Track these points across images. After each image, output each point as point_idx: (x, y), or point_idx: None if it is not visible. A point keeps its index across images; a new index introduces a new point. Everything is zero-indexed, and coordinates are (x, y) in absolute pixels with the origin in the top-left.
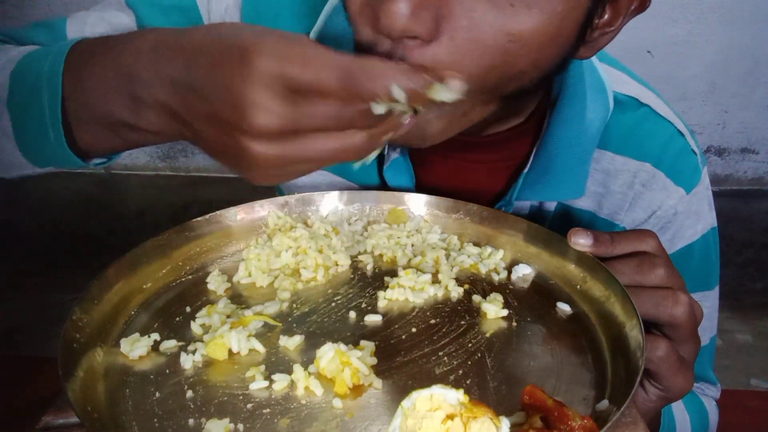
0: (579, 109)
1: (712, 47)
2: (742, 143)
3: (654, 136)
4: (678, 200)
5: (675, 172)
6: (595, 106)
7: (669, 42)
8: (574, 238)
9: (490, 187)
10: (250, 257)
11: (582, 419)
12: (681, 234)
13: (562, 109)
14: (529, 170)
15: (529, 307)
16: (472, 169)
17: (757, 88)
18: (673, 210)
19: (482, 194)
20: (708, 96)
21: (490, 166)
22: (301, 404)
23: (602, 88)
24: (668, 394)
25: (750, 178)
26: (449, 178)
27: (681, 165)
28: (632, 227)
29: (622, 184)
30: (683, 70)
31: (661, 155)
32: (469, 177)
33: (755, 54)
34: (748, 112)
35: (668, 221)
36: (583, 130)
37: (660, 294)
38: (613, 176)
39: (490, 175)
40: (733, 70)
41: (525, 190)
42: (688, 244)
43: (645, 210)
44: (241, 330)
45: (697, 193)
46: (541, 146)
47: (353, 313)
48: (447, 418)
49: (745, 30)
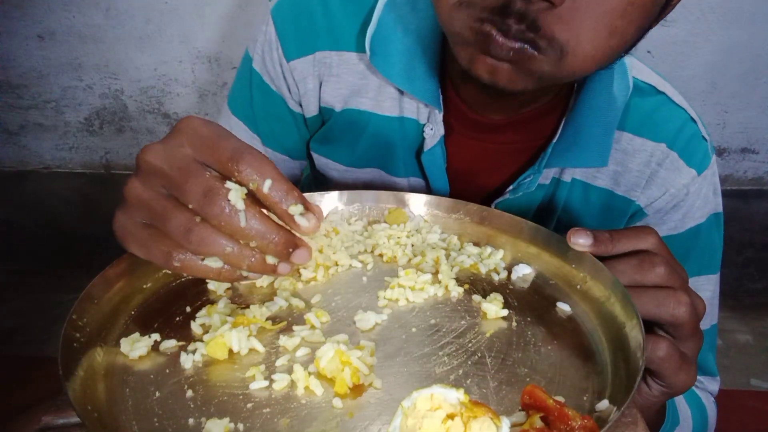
0: (607, 82)
1: (712, 47)
2: (742, 143)
3: (669, 120)
4: (690, 180)
5: (687, 154)
6: (619, 84)
7: (669, 42)
8: (573, 238)
9: (513, 167)
10: None
11: (582, 419)
12: (691, 214)
13: (592, 82)
14: (558, 140)
15: (529, 307)
16: (498, 151)
17: (757, 88)
18: (686, 190)
19: (505, 173)
20: (708, 96)
21: (516, 147)
22: (301, 404)
23: (624, 69)
24: (671, 390)
25: (750, 178)
26: (476, 161)
27: (693, 148)
28: (647, 204)
29: (639, 163)
30: (683, 70)
31: (675, 138)
32: (495, 158)
33: (755, 54)
34: (748, 112)
35: (680, 200)
36: (610, 102)
37: (661, 294)
38: (630, 155)
39: (514, 156)
40: (733, 70)
41: (553, 158)
42: (697, 224)
43: (659, 188)
44: (241, 329)
45: (706, 176)
46: (570, 117)
47: (353, 313)
48: (447, 417)
49: (745, 30)
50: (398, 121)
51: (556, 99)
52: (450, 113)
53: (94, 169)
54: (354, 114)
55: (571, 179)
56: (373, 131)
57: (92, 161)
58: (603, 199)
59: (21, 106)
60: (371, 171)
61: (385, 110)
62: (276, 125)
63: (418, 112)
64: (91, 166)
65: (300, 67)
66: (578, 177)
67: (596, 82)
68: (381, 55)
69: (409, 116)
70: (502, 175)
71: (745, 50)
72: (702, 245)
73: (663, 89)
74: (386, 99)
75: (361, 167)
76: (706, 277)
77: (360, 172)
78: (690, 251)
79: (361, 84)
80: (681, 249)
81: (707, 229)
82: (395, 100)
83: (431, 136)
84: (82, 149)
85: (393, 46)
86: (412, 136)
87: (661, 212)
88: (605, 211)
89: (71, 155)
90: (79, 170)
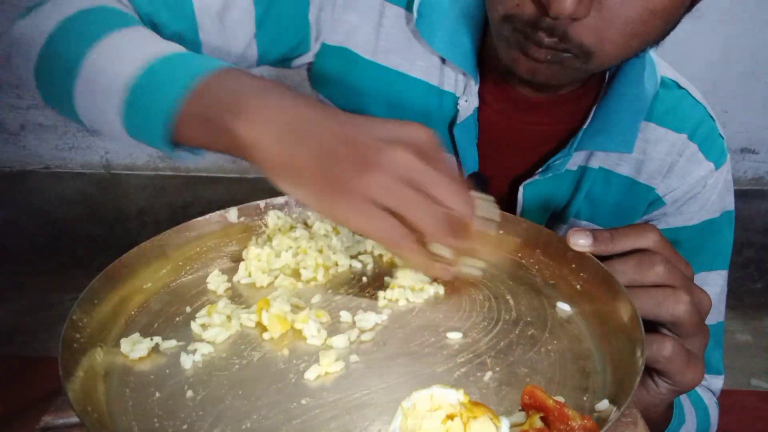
0: (638, 73)
1: (712, 47)
2: (742, 143)
3: (691, 114)
4: (708, 173)
5: (707, 147)
6: (649, 77)
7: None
8: (573, 238)
9: (542, 150)
10: (250, 257)
11: (582, 419)
12: (707, 207)
13: (626, 71)
14: (589, 124)
15: (529, 307)
16: (530, 132)
17: (757, 88)
18: (703, 182)
19: (534, 156)
20: (708, 96)
21: (547, 129)
22: (301, 405)
23: (652, 62)
24: (679, 387)
25: (750, 178)
26: (507, 139)
27: (711, 143)
28: (666, 194)
29: (660, 152)
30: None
31: (695, 131)
32: (526, 138)
33: (755, 54)
34: (748, 112)
35: (698, 192)
36: (640, 91)
37: (660, 293)
38: (653, 144)
39: (544, 138)
40: (733, 70)
41: (584, 141)
42: (711, 218)
43: (679, 178)
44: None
45: (723, 171)
46: (602, 104)
47: (353, 313)
48: (447, 418)
49: (745, 30)
50: (437, 91)
51: (588, 86)
52: (486, 88)
53: (94, 169)
54: (382, 70)
55: (598, 167)
56: (402, 95)
57: (92, 161)
58: (624, 187)
59: (21, 106)
60: None
61: (421, 75)
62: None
63: (456, 84)
64: (91, 166)
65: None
66: (601, 165)
67: (628, 72)
68: (427, 19)
69: (448, 89)
70: (530, 158)
71: (745, 50)
72: (714, 240)
73: (684, 86)
74: (427, 66)
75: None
76: (716, 273)
77: None
78: (702, 244)
79: (403, 43)
80: (694, 241)
81: (720, 225)
82: (436, 69)
83: (465, 108)
84: (82, 149)
85: (440, 13)
86: (448, 108)
87: (679, 202)
88: (626, 197)
89: (71, 155)
90: (79, 170)
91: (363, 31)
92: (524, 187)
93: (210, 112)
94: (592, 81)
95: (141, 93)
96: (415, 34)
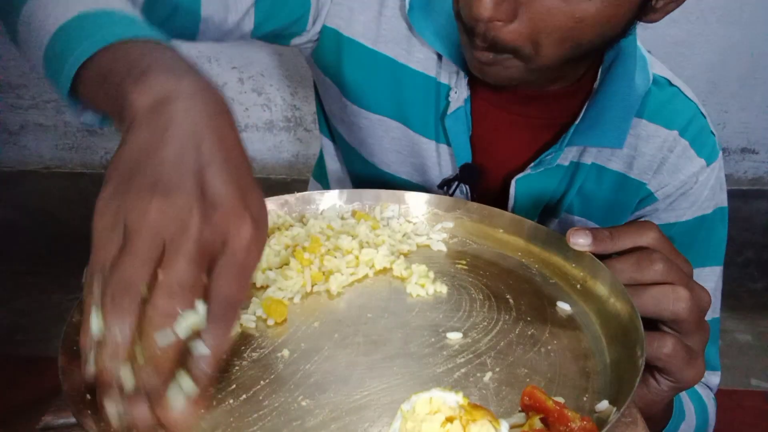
0: (630, 70)
1: (712, 47)
2: (742, 143)
3: (682, 111)
4: (699, 169)
5: (698, 144)
6: (641, 74)
7: (669, 42)
8: (573, 238)
9: (535, 145)
10: None
11: (582, 420)
12: (699, 204)
13: (617, 68)
14: (581, 120)
15: (529, 307)
16: (522, 125)
17: (757, 88)
18: (695, 178)
19: (527, 151)
20: (708, 96)
21: (539, 123)
22: (302, 406)
23: (644, 60)
24: (680, 384)
25: (750, 178)
26: (500, 132)
27: (703, 139)
28: (658, 190)
29: (652, 148)
30: (683, 70)
31: (686, 127)
32: (518, 132)
33: (755, 54)
34: (748, 112)
35: (689, 188)
36: (631, 89)
37: (660, 291)
38: (644, 140)
39: (536, 132)
40: (733, 70)
41: (575, 137)
42: (704, 214)
43: (670, 174)
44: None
45: (714, 168)
46: (593, 100)
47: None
48: (446, 421)
49: (745, 30)
50: (434, 82)
51: (581, 83)
52: (479, 80)
53: (94, 169)
54: (383, 59)
55: (591, 163)
56: (401, 84)
57: (92, 161)
58: (616, 182)
59: (21, 106)
60: (397, 126)
61: (420, 67)
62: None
63: (450, 77)
64: (91, 166)
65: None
66: (594, 160)
67: (619, 69)
68: (419, 11)
69: (444, 81)
70: (524, 152)
71: (745, 50)
72: (707, 235)
73: (676, 83)
74: (425, 58)
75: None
76: (710, 269)
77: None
78: (695, 240)
79: (403, 34)
80: (686, 237)
81: (712, 221)
82: (433, 61)
83: (455, 100)
84: (82, 149)
85: (431, 4)
86: (443, 99)
87: (670, 198)
88: (617, 193)
89: (71, 155)
90: (79, 170)
91: (364, 19)
92: (516, 181)
93: (113, 73)
94: (585, 77)
95: (63, 36)
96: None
